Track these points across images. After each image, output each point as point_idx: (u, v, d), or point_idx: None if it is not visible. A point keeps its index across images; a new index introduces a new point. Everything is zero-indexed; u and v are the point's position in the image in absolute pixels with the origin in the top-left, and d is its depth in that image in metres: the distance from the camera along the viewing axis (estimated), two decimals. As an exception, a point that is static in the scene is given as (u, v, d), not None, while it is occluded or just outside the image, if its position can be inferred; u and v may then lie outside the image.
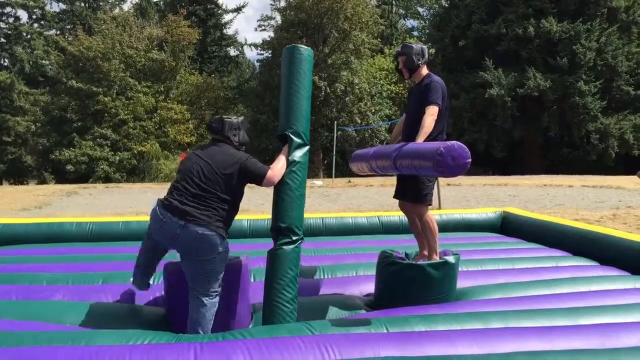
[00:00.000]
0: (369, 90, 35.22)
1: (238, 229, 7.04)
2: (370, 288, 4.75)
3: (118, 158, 30.95)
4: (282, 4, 35.68)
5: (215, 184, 3.56)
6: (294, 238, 3.83)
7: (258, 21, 39.14)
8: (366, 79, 35.47)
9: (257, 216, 8.14)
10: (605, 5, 33.43)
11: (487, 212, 8.35)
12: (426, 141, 4.01)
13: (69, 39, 35.28)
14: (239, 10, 47.35)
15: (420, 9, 51.94)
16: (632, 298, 4.40)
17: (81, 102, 31.58)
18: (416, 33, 50.99)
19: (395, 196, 4.68)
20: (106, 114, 31.70)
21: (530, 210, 11.11)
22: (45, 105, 34.40)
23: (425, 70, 4.44)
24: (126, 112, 31.74)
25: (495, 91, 31.84)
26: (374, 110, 35.34)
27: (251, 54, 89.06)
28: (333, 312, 4.16)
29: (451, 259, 4.31)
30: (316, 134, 34.37)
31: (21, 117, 38.09)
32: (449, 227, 7.80)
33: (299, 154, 3.90)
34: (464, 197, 16.28)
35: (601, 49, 32.50)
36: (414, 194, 4.38)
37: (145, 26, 35.81)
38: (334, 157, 25.58)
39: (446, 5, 40.98)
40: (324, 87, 32.84)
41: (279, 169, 3.78)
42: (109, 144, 31.32)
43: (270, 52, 36.52)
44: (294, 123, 3.94)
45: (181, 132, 33.38)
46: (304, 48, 4.07)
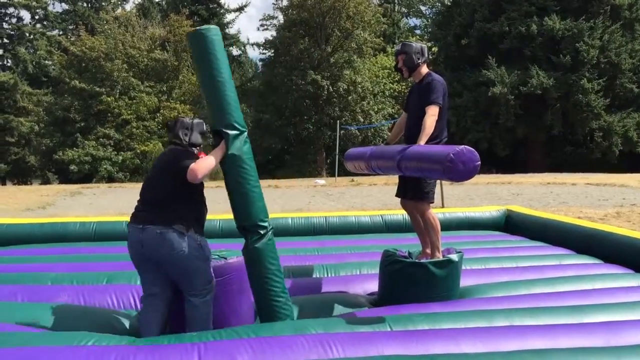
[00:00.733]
0: (371, 89, 35.21)
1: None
2: (374, 287, 4.75)
3: (121, 158, 31.03)
4: (285, 3, 35.75)
5: (163, 185, 3.62)
6: (262, 232, 3.72)
7: (260, 20, 39.10)
8: (369, 78, 35.47)
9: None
10: (609, 2, 33.29)
11: (490, 211, 8.34)
12: (428, 141, 4.03)
13: (71, 39, 35.42)
14: (241, 9, 47.40)
15: (422, 8, 51.84)
16: (636, 296, 4.39)
17: (84, 102, 31.67)
18: (419, 31, 50.93)
19: (397, 194, 4.68)
20: (109, 114, 31.78)
21: (534, 209, 11.09)
22: (49, 106, 34.49)
23: (425, 69, 4.43)
24: (129, 112, 31.82)
25: (498, 89, 31.75)
26: (376, 109, 35.33)
27: (254, 53, 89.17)
28: (337, 311, 4.16)
29: (454, 257, 4.31)
30: (319, 133, 34.38)
31: (24, 118, 38.17)
32: (452, 225, 7.79)
33: (238, 145, 3.66)
34: (467, 196, 16.26)
35: (604, 46, 32.38)
36: (415, 191, 4.38)
37: (147, 26, 35.88)
38: (337, 156, 25.56)
39: (449, 3, 40.90)
40: (326, 86, 32.84)
41: (204, 163, 3.56)
42: (112, 143, 31.41)
43: (273, 51, 36.54)
44: (223, 115, 3.67)
45: (184, 132, 33.37)
46: (208, 29, 3.69)
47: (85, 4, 45.33)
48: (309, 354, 3.06)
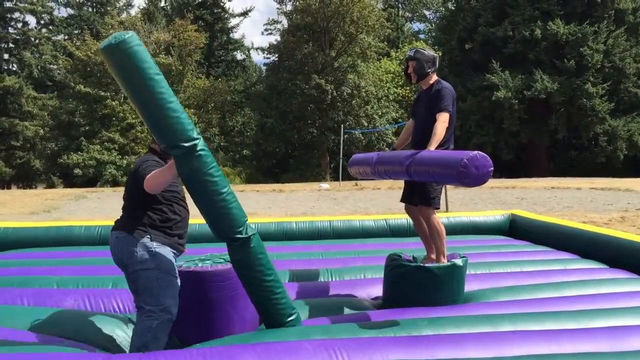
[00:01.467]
0: (375, 93, 35.23)
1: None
2: (378, 291, 4.75)
3: (126, 162, 31.09)
4: (289, 7, 35.85)
5: (128, 190, 3.63)
6: (241, 241, 3.40)
7: (264, 25, 39.10)
8: (373, 82, 35.49)
9: (265, 219, 8.16)
10: (613, 7, 33.30)
11: (495, 215, 8.33)
12: (436, 148, 4.05)
13: (76, 43, 35.53)
14: (245, 14, 47.60)
15: (426, 12, 51.99)
16: (641, 301, 4.37)
17: (89, 107, 31.77)
18: (422, 36, 51.03)
19: (402, 200, 4.69)
20: (114, 118, 31.88)
21: (539, 213, 11.07)
22: (54, 110, 34.63)
23: (434, 77, 4.47)
24: (134, 116, 31.90)
25: (502, 94, 31.74)
26: (380, 113, 35.35)
27: (258, 57, 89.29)
28: (341, 315, 4.15)
29: (459, 261, 4.30)
30: (323, 137, 34.40)
31: (29, 122, 38.31)
32: (456, 230, 7.78)
33: (188, 163, 3.20)
34: (471, 200, 16.24)
35: (609, 51, 32.37)
36: (422, 197, 4.39)
37: (152, 31, 36.00)
38: (341, 160, 25.56)
39: (452, 8, 40.96)
40: (330, 90, 32.88)
41: (155, 176, 3.31)
42: (117, 147, 31.50)
43: (277, 55, 36.61)
44: (163, 135, 3.20)
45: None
46: (123, 40, 2.98)
47: (90, 9, 45.57)
48: (314, 359, 3.06)
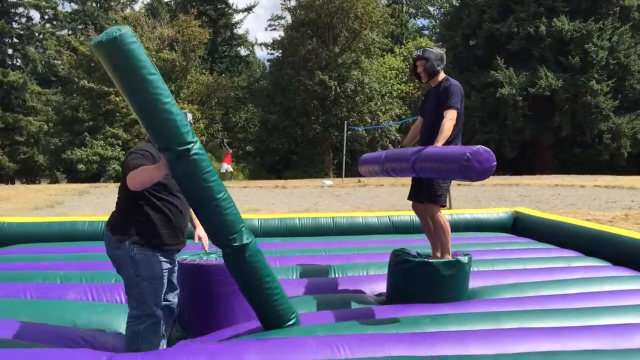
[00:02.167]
0: (379, 90, 35.18)
1: (249, 228, 7.05)
2: (382, 287, 4.75)
3: (129, 158, 31.12)
4: (293, 3, 35.77)
5: (122, 186, 3.32)
6: (235, 249, 3.30)
7: (268, 21, 39.13)
8: (376, 79, 35.43)
9: (268, 215, 8.17)
10: (618, 3, 33.19)
11: (498, 212, 8.33)
12: (444, 145, 4.05)
13: (80, 39, 35.51)
14: (249, 10, 47.46)
15: (430, 8, 51.79)
16: (644, 299, 4.37)
17: (93, 102, 31.79)
18: (427, 32, 50.88)
19: (409, 197, 4.69)
20: (117, 114, 31.88)
21: (542, 211, 11.05)
22: (57, 105, 34.65)
23: (442, 75, 4.49)
24: (137, 112, 31.95)
25: (506, 90, 31.67)
26: (384, 109, 35.30)
27: (261, 53, 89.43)
28: (344, 311, 4.15)
29: (463, 258, 4.30)
30: (326, 133, 34.37)
31: (33, 117, 38.39)
32: (459, 227, 7.79)
33: (180, 166, 3.03)
34: (474, 197, 16.21)
35: (613, 48, 32.27)
36: (429, 194, 4.40)
37: (156, 26, 35.98)
38: (344, 156, 25.56)
39: (457, 4, 40.85)
40: (334, 86, 32.83)
41: (140, 175, 3.09)
42: (120, 143, 31.50)
43: (281, 51, 36.58)
44: (157, 136, 3.04)
45: (192, 132, 33.54)
46: (120, 34, 2.78)
47: (94, 4, 45.56)
48: (317, 355, 3.06)
